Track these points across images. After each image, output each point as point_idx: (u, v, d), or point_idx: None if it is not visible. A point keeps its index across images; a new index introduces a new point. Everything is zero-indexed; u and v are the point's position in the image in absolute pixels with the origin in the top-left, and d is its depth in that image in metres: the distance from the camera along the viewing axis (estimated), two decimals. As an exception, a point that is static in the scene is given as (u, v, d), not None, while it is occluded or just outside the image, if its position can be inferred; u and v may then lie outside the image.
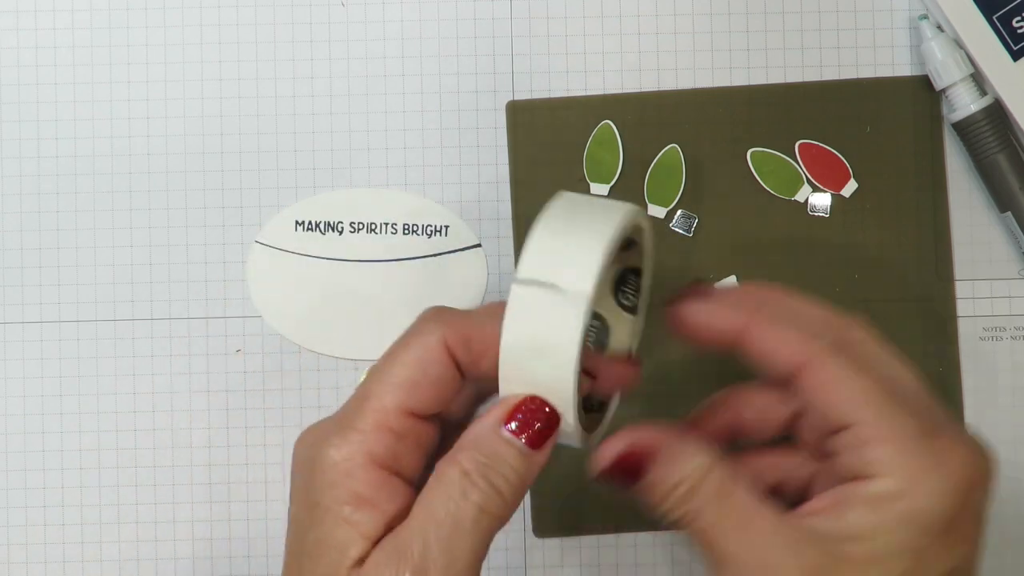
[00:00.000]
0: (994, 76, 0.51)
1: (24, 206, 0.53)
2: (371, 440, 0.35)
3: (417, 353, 0.36)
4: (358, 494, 0.35)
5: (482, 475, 0.35)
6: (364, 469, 0.35)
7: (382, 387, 0.36)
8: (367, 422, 0.35)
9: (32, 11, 0.54)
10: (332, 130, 0.54)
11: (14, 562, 0.53)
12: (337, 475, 0.35)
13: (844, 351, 0.36)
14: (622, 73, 0.54)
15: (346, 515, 0.35)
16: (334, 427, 0.36)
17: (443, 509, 0.35)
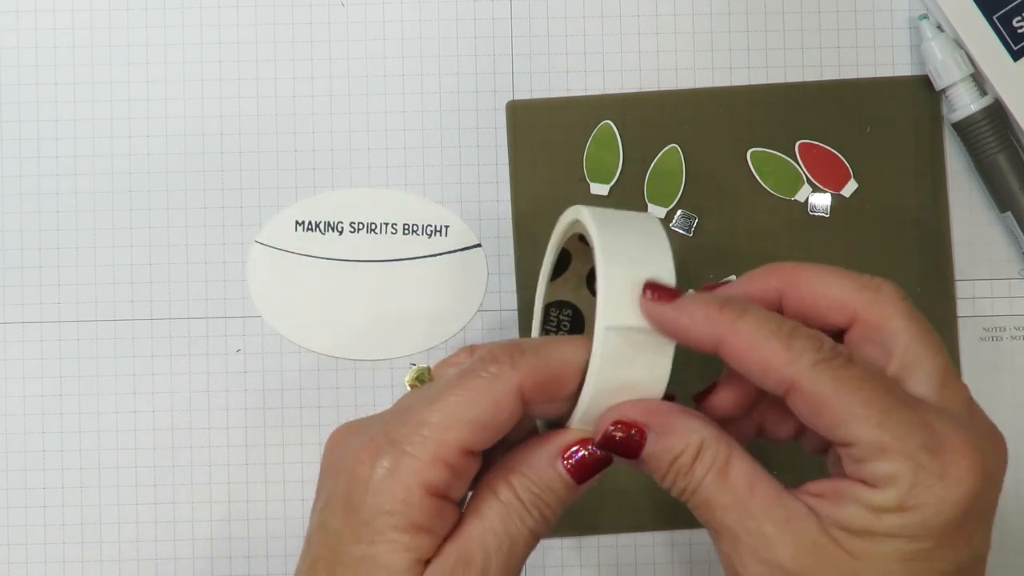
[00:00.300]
0: (994, 76, 0.51)
1: (24, 206, 0.54)
2: (429, 472, 0.36)
3: (491, 397, 0.36)
4: (416, 523, 0.36)
5: (535, 505, 0.37)
6: (421, 499, 0.35)
7: (447, 420, 0.36)
8: (427, 452, 0.36)
9: (32, 11, 0.54)
10: (332, 130, 0.54)
11: (14, 562, 0.53)
12: (394, 503, 0.35)
13: (833, 362, 0.35)
14: (622, 73, 0.54)
15: (404, 542, 0.35)
16: (385, 443, 0.36)
17: (503, 528, 0.37)
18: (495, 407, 0.36)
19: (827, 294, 0.38)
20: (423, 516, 0.36)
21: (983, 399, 0.53)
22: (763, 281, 0.39)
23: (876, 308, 0.37)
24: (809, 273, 0.38)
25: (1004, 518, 0.53)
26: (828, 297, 0.38)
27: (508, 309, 0.53)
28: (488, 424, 0.36)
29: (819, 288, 0.38)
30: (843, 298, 0.37)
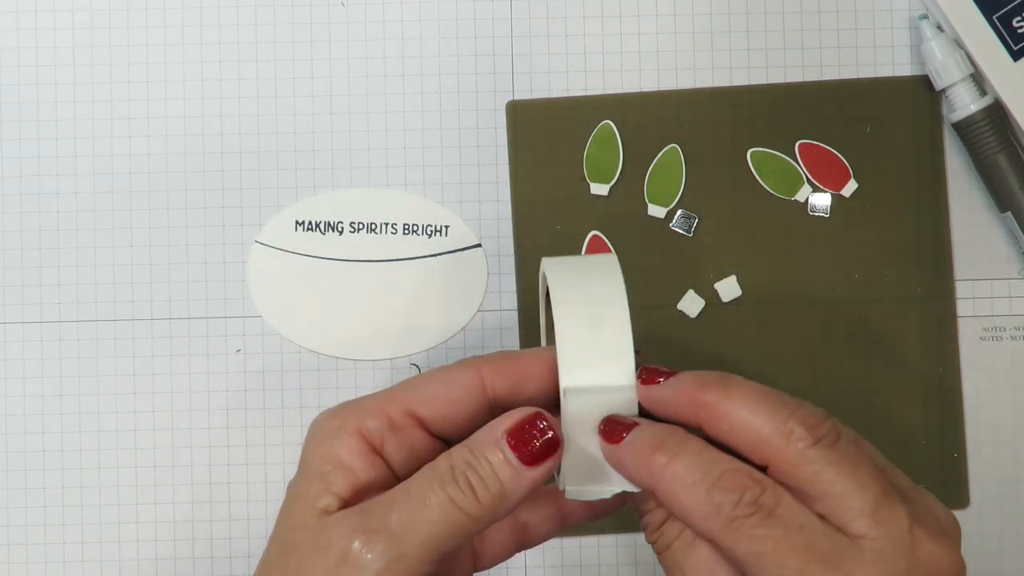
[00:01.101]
0: (994, 76, 0.51)
1: (24, 206, 0.53)
2: (367, 417, 0.37)
3: (450, 375, 0.38)
4: (337, 456, 0.37)
5: (463, 472, 0.36)
6: (350, 436, 0.37)
7: (405, 387, 0.38)
8: (372, 405, 0.38)
9: (32, 11, 0.54)
10: (332, 130, 0.54)
11: (14, 562, 0.53)
12: (325, 437, 0.37)
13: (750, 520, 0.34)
14: (622, 73, 0.54)
15: (324, 472, 0.37)
16: (347, 405, 0.38)
17: (417, 488, 0.36)
18: (450, 383, 0.38)
19: (741, 435, 0.36)
20: (345, 451, 0.37)
21: (983, 399, 0.53)
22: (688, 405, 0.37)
23: (788, 455, 0.35)
24: (728, 405, 0.36)
25: (1004, 519, 0.53)
26: (743, 438, 0.36)
27: (508, 309, 0.53)
28: (439, 397, 0.38)
29: (736, 424, 0.36)
30: (757, 440, 0.35)
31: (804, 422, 0.35)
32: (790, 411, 0.35)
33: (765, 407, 0.35)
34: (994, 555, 0.53)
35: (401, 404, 0.37)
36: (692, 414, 0.36)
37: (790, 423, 0.35)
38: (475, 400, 0.38)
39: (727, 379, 0.36)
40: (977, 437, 0.53)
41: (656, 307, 0.53)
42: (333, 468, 0.37)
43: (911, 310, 0.53)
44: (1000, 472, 0.53)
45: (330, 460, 0.37)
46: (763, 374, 0.53)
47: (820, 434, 0.35)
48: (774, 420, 0.35)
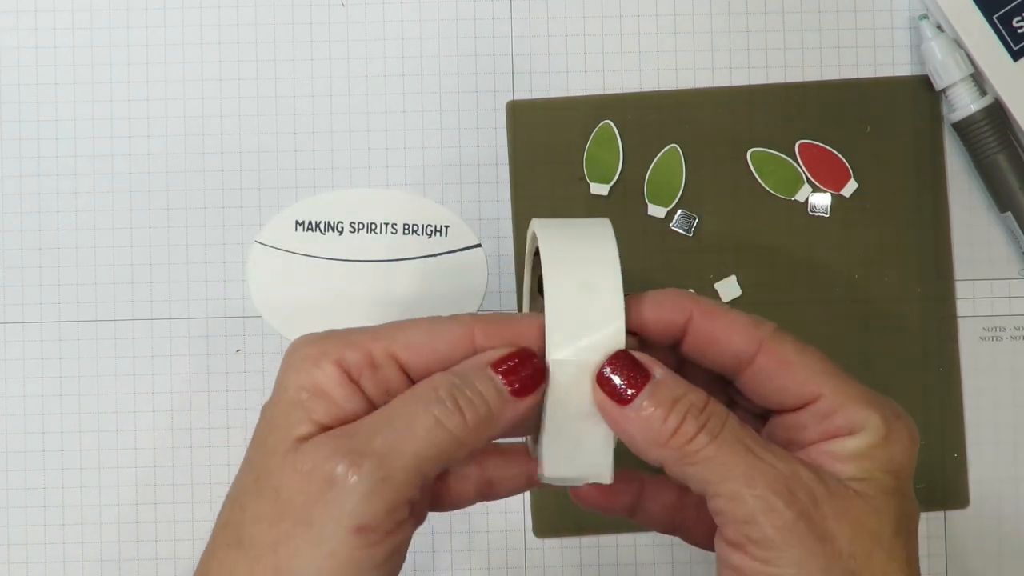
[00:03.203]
0: (994, 76, 0.51)
1: (24, 206, 0.54)
2: (347, 349, 0.36)
3: (438, 325, 0.37)
4: (317, 384, 0.36)
5: (450, 393, 0.35)
6: (331, 365, 0.36)
7: (392, 327, 0.37)
8: (351, 339, 0.36)
9: (32, 11, 0.54)
10: (332, 130, 0.54)
11: (14, 562, 0.53)
12: (304, 363, 0.36)
13: (788, 334, 0.37)
14: (622, 73, 0.54)
15: (302, 399, 0.36)
16: (326, 335, 0.37)
17: (401, 411, 0.35)
18: (440, 334, 0.37)
19: (724, 335, 0.38)
20: (325, 380, 0.36)
21: (983, 399, 0.53)
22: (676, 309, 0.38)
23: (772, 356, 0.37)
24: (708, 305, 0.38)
25: (1004, 519, 0.53)
26: (725, 339, 0.37)
27: (508, 309, 0.53)
28: (425, 346, 0.36)
29: (719, 330, 0.38)
30: (740, 338, 0.38)
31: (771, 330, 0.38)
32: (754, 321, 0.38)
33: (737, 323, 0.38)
34: (994, 555, 0.53)
35: (385, 343, 0.36)
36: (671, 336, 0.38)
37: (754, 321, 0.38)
38: (461, 356, 0.37)
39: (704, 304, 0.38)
40: (977, 437, 0.53)
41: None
42: (312, 395, 0.36)
43: (911, 310, 0.53)
44: (1000, 472, 0.53)
45: (308, 387, 0.36)
46: (763, 374, 0.53)
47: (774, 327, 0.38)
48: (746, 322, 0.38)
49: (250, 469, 0.37)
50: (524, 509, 0.53)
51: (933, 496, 0.53)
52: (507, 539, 0.53)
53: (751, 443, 0.35)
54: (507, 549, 0.53)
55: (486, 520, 0.53)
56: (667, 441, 0.35)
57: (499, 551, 0.53)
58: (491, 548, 0.53)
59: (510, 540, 0.53)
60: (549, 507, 0.53)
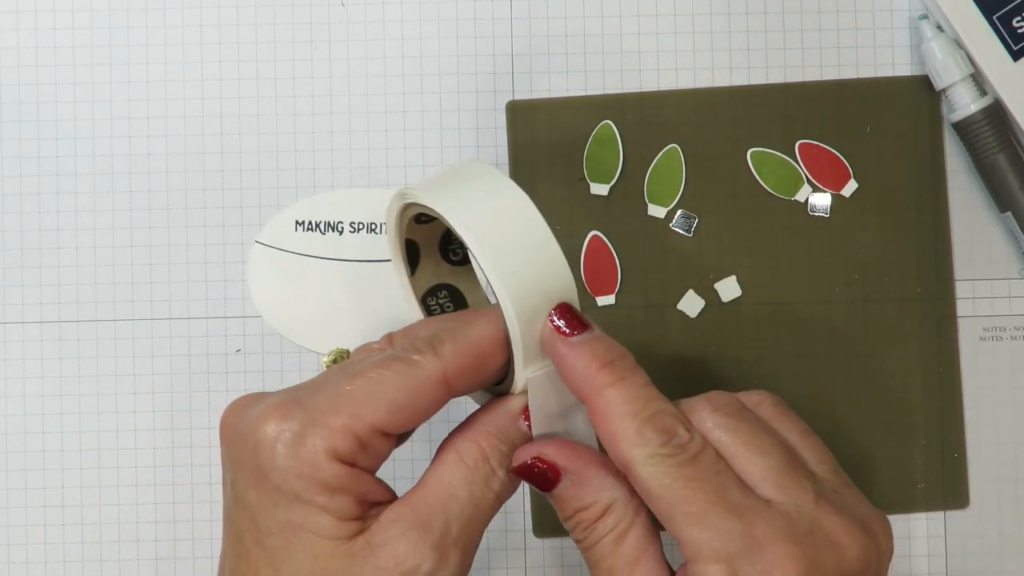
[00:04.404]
0: (994, 76, 0.51)
1: (24, 206, 0.54)
2: (337, 439, 0.35)
3: (412, 382, 0.36)
4: (329, 485, 0.35)
5: (502, 464, 0.37)
6: (330, 464, 0.35)
7: (364, 396, 0.36)
8: (338, 421, 0.36)
9: (32, 11, 0.54)
10: (332, 130, 0.54)
11: (14, 562, 0.53)
12: (302, 466, 0.35)
13: (673, 459, 0.35)
14: (622, 73, 0.54)
15: (323, 503, 0.35)
16: (295, 408, 0.36)
17: (466, 492, 0.36)
18: (415, 392, 0.36)
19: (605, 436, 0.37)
20: (334, 479, 0.35)
21: (983, 399, 0.53)
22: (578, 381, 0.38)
23: (695, 422, 0.36)
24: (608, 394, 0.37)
25: (1004, 519, 0.53)
26: (605, 439, 0.37)
27: (508, 309, 0.53)
28: (406, 408, 0.36)
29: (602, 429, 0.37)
30: (614, 452, 0.36)
31: (708, 397, 0.37)
32: (699, 396, 0.37)
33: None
34: (994, 555, 0.53)
35: (367, 422, 0.36)
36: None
37: (697, 399, 0.37)
38: (439, 403, 0.37)
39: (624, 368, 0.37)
40: (977, 437, 0.53)
41: (656, 307, 0.53)
42: (330, 497, 0.35)
43: (911, 310, 0.53)
44: (1000, 472, 0.53)
45: (322, 491, 0.35)
46: (763, 374, 0.53)
47: (719, 403, 0.37)
48: (685, 399, 0.37)
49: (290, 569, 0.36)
50: (524, 509, 0.53)
51: (933, 496, 0.53)
52: (507, 539, 0.53)
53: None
54: (507, 549, 0.53)
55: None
56: (597, 370, 0.36)
57: (499, 551, 0.53)
58: (491, 548, 0.53)
59: (510, 540, 0.53)
60: (549, 507, 0.53)
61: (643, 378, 0.36)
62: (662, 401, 0.36)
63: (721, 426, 0.36)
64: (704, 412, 0.36)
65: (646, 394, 0.36)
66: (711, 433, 0.36)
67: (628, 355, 0.37)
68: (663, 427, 0.35)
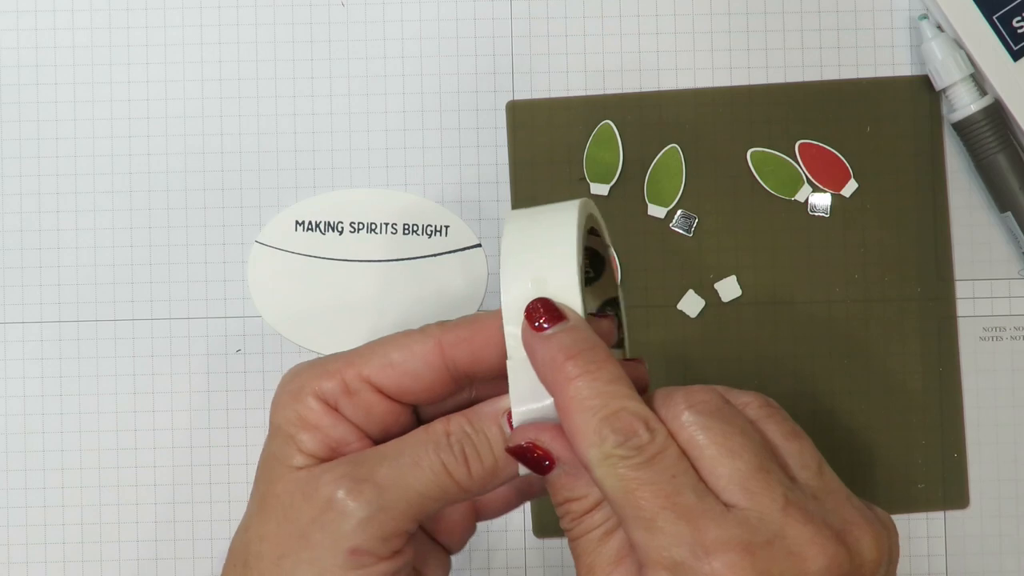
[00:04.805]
0: (994, 76, 0.51)
1: (24, 206, 0.54)
2: (322, 380, 0.38)
3: (409, 343, 0.38)
4: (302, 417, 0.37)
5: (459, 441, 0.37)
6: (311, 398, 0.37)
7: (363, 352, 0.38)
8: (328, 369, 0.38)
9: (32, 11, 0.54)
10: (332, 130, 0.54)
11: (14, 562, 0.53)
12: (288, 398, 0.38)
13: (628, 460, 0.34)
14: (622, 73, 0.54)
15: (291, 433, 0.37)
16: (317, 361, 0.39)
17: (411, 450, 0.37)
18: (409, 352, 0.37)
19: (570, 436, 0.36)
20: (310, 414, 0.37)
21: (983, 399, 0.53)
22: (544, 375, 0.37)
23: (668, 420, 0.35)
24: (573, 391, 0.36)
25: (1004, 519, 0.53)
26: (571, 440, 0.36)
27: (508, 309, 0.53)
28: (397, 364, 0.37)
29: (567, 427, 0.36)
30: (576, 450, 0.35)
31: (687, 392, 0.36)
32: (678, 388, 0.36)
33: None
34: (994, 555, 0.53)
35: (357, 368, 0.37)
36: None
37: (675, 392, 0.36)
38: (434, 371, 0.38)
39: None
40: (977, 437, 0.53)
41: (656, 307, 0.53)
42: (300, 429, 0.37)
43: (911, 310, 0.53)
44: (1000, 472, 0.53)
45: (295, 422, 0.37)
46: (763, 374, 0.53)
47: (696, 400, 0.35)
48: (664, 391, 0.36)
49: (256, 498, 0.38)
50: (524, 509, 0.53)
51: (933, 496, 0.53)
52: (507, 539, 0.53)
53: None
54: (507, 549, 0.53)
55: (486, 520, 0.53)
56: (562, 363, 0.35)
57: (499, 551, 0.53)
58: (491, 548, 0.53)
59: (510, 540, 0.53)
60: (549, 507, 0.53)
61: (610, 372, 0.35)
62: (627, 398, 0.35)
63: (693, 423, 0.35)
64: (679, 407, 0.35)
65: (610, 390, 0.35)
66: (682, 430, 0.35)
67: (599, 346, 0.35)
68: (621, 426, 0.34)
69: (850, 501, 0.36)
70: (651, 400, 0.36)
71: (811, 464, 0.36)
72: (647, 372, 0.38)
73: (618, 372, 0.35)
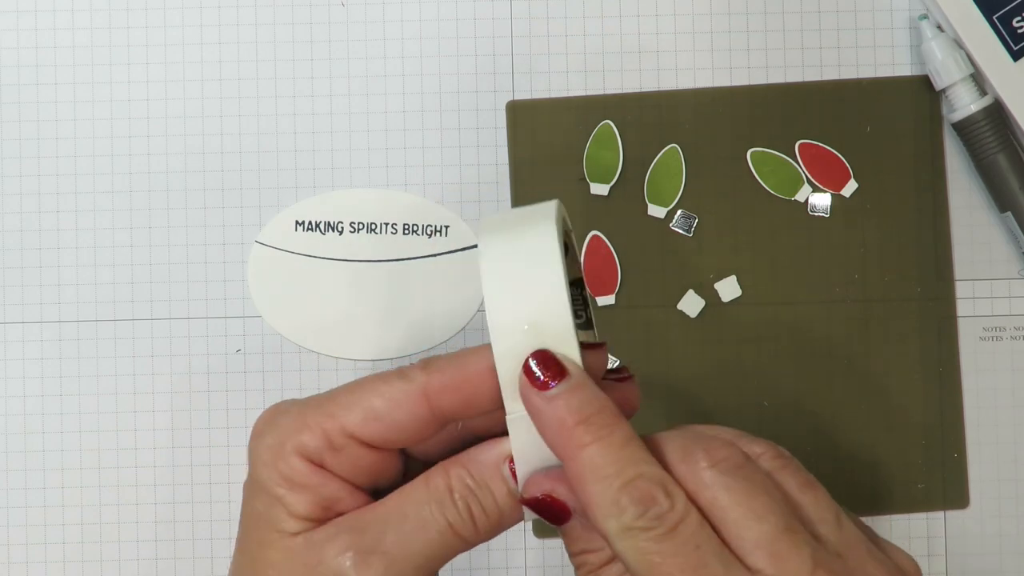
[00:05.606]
0: (994, 76, 0.51)
1: (24, 206, 0.54)
2: (304, 435, 0.35)
3: (392, 392, 0.36)
4: (288, 478, 0.35)
5: (464, 498, 0.35)
6: (294, 457, 0.35)
7: (344, 399, 0.36)
8: (310, 419, 0.36)
9: (32, 11, 0.54)
10: (332, 130, 0.54)
11: (14, 562, 0.53)
12: (268, 455, 0.36)
13: (648, 533, 0.33)
14: (622, 73, 0.54)
15: (279, 494, 0.35)
16: (286, 408, 0.37)
17: (415, 510, 0.35)
18: (392, 402, 0.35)
19: (584, 503, 0.35)
20: (296, 474, 0.35)
21: (983, 399, 0.53)
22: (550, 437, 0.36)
23: (688, 478, 0.34)
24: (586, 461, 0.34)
25: (1004, 519, 0.53)
26: (585, 507, 0.35)
27: (508, 309, 0.53)
28: (382, 415, 0.35)
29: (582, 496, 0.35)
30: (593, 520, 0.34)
31: (707, 446, 0.34)
32: (697, 440, 0.34)
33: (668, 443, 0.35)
34: (994, 555, 0.53)
35: (339, 421, 0.35)
36: None
37: (694, 447, 0.34)
38: (419, 421, 0.35)
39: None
40: (977, 437, 0.53)
41: (656, 307, 0.53)
42: (287, 490, 0.35)
43: (911, 310, 0.53)
44: (1000, 472, 0.53)
45: (280, 482, 0.35)
46: (763, 374, 0.53)
47: (719, 457, 0.34)
48: (680, 442, 0.34)
49: (246, 557, 0.36)
50: (524, 509, 0.53)
51: (933, 496, 0.53)
52: (507, 539, 0.53)
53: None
54: (507, 549, 0.53)
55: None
56: (572, 427, 0.34)
57: (499, 551, 0.53)
58: (491, 548, 0.53)
59: (510, 540, 0.53)
60: (549, 507, 0.53)
61: (623, 434, 0.34)
62: (643, 462, 0.33)
63: (716, 484, 0.33)
64: (699, 465, 0.34)
65: (625, 456, 0.33)
66: (704, 490, 0.33)
67: (608, 406, 0.34)
68: (640, 496, 0.33)
69: (871, 553, 0.35)
70: (667, 451, 0.34)
71: (829, 517, 0.35)
72: (637, 392, 0.37)
73: (629, 433, 0.34)
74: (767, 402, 0.53)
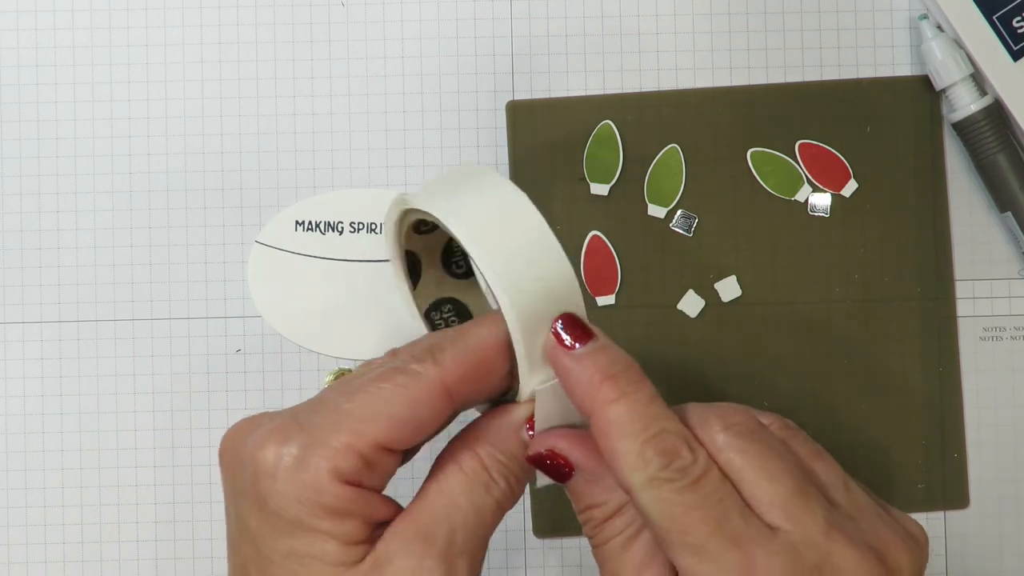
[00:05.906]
0: (994, 76, 0.51)
1: (24, 206, 0.54)
2: (340, 459, 0.34)
3: (412, 394, 0.35)
4: (333, 508, 0.34)
5: (502, 474, 0.36)
6: (332, 485, 0.34)
7: (365, 412, 0.35)
8: (339, 440, 0.34)
9: (32, 11, 0.54)
10: (332, 130, 0.54)
11: (14, 562, 0.53)
12: (303, 491, 0.34)
13: (672, 484, 0.33)
14: (622, 73, 0.54)
15: (327, 528, 0.34)
16: (294, 430, 0.35)
17: (467, 500, 0.35)
18: (415, 404, 0.35)
19: (609, 459, 0.35)
20: (339, 501, 0.34)
21: (983, 399, 0.53)
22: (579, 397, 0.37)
23: (706, 442, 0.35)
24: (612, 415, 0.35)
25: (1004, 519, 0.53)
26: (609, 462, 0.35)
27: (508, 309, 0.53)
28: (408, 422, 0.35)
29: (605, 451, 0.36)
30: (616, 475, 0.35)
31: (721, 412, 0.35)
32: (712, 408, 0.36)
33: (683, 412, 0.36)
34: (994, 555, 0.53)
35: (368, 437, 0.34)
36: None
37: (708, 413, 0.35)
38: (442, 414, 0.36)
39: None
40: (977, 437, 0.53)
41: (656, 307, 0.53)
42: (334, 521, 0.34)
43: (911, 310, 0.53)
44: (1000, 472, 0.53)
45: (324, 515, 0.34)
46: (763, 374, 0.53)
47: (733, 422, 0.35)
48: (696, 410, 0.36)
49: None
50: (524, 509, 0.53)
51: (933, 496, 0.53)
52: (507, 539, 0.53)
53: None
54: (507, 549, 0.53)
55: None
56: (599, 385, 0.34)
57: (499, 551, 0.53)
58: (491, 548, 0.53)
59: (510, 540, 0.53)
60: (549, 508, 0.53)
61: (648, 392, 0.35)
62: (667, 419, 0.34)
63: (732, 446, 0.34)
64: (715, 429, 0.35)
65: (650, 412, 0.34)
66: (720, 453, 0.35)
67: (633, 365, 0.35)
68: (664, 448, 0.34)
69: (880, 518, 0.36)
70: (685, 419, 0.35)
71: (838, 483, 0.36)
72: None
73: (653, 391, 0.35)
74: (767, 402, 0.53)
